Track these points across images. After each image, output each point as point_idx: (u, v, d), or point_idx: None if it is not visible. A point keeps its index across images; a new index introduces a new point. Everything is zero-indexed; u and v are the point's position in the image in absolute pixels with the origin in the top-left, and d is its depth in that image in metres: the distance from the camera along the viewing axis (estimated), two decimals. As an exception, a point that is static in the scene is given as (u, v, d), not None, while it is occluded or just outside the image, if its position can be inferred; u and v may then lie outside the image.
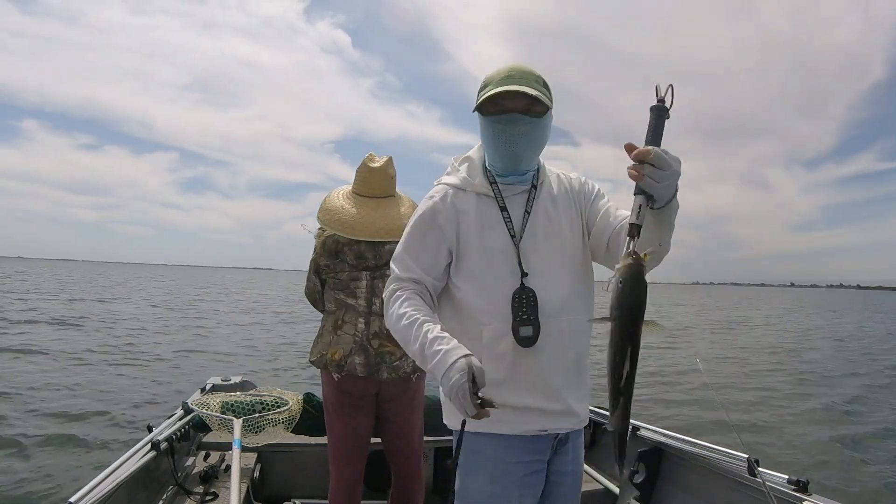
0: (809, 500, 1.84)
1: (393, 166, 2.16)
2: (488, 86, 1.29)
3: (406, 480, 2.20)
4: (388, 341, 2.01)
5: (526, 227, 1.33)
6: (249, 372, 6.04)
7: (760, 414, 7.35)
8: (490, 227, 1.33)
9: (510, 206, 1.34)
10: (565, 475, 1.37)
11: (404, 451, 2.17)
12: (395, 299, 1.30)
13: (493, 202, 1.34)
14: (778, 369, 11.39)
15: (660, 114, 1.07)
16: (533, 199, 1.36)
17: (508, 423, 1.27)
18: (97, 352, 10.08)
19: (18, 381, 7.43)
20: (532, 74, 1.29)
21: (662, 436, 2.56)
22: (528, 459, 1.30)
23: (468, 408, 1.10)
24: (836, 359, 13.43)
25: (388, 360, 2.02)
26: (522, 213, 1.35)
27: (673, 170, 1.03)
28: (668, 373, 9.96)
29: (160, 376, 8.21)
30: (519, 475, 1.29)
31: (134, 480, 2.06)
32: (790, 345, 16.33)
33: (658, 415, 6.83)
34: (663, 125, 1.07)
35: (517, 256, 1.30)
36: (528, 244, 1.31)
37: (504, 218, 1.33)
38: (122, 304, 22.15)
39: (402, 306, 1.27)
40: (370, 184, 2.11)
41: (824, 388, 9.46)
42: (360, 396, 2.05)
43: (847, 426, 6.90)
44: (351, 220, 2.06)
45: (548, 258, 1.32)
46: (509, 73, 1.28)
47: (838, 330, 22.84)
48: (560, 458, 1.36)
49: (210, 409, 2.54)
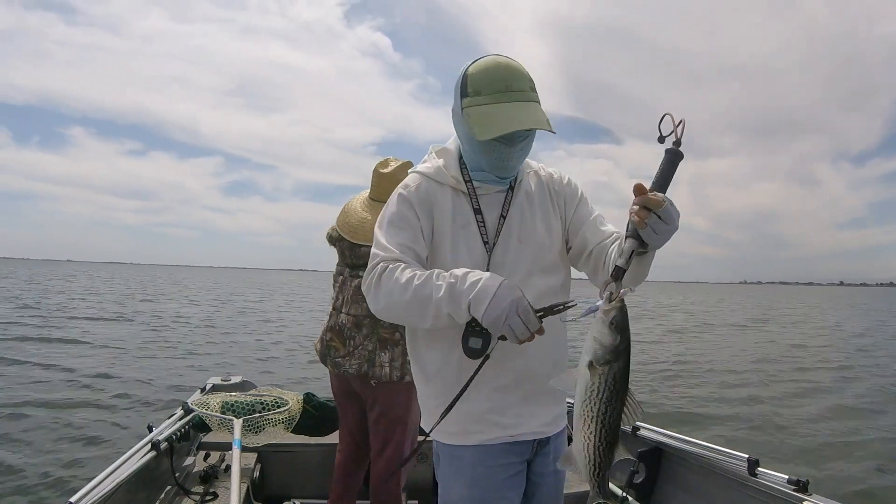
0: (809, 500, 1.84)
1: (406, 171, 2.15)
2: (480, 93, 1.18)
3: (377, 488, 2.17)
4: (337, 337, 2.11)
5: (500, 233, 1.27)
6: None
7: (765, 410, 7.36)
8: (463, 226, 1.27)
9: (484, 208, 1.28)
10: (547, 476, 1.36)
11: (367, 450, 2.20)
12: (391, 271, 1.16)
13: (468, 201, 1.28)
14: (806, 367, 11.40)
15: (675, 159, 1.02)
16: (509, 201, 1.30)
17: (485, 434, 1.25)
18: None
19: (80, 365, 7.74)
20: (526, 79, 1.20)
21: (662, 436, 2.56)
22: (508, 462, 1.28)
23: (532, 324, 1.05)
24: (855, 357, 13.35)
25: (331, 355, 2.13)
26: (497, 216, 1.28)
27: (674, 225, 1.00)
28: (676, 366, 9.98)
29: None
30: (500, 478, 1.27)
31: (134, 480, 2.06)
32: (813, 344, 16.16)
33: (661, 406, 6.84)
34: (675, 170, 1.03)
35: (487, 265, 1.24)
36: (500, 251, 1.26)
37: (477, 221, 1.27)
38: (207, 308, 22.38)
39: (404, 273, 1.14)
40: (380, 189, 2.13)
41: (832, 387, 9.46)
42: (338, 390, 2.22)
43: (851, 425, 6.90)
44: (356, 224, 2.12)
45: (520, 262, 1.27)
46: (505, 84, 1.17)
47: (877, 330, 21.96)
48: (541, 458, 1.35)
49: (210, 409, 2.54)
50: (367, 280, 1.21)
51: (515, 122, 1.15)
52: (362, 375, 2.05)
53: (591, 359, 0.96)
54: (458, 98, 1.23)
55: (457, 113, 1.25)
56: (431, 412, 1.29)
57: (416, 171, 1.35)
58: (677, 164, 1.03)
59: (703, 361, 11.46)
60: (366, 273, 1.22)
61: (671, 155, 1.03)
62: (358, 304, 2.09)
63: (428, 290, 1.11)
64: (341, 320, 2.12)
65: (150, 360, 9.46)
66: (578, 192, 1.39)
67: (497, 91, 1.17)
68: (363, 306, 2.07)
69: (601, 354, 0.95)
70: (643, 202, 0.97)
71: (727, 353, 12.96)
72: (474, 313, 1.08)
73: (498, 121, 1.15)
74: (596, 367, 0.95)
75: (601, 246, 1.28)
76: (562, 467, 1.09)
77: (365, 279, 1.22)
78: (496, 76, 1.18)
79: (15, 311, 16.76)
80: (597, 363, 0.95)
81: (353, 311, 2.10)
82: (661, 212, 0.97)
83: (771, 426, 6.71)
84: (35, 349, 9.95)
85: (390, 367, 2.03)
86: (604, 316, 0.96)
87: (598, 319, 0.97)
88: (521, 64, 1.21)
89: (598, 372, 0.95)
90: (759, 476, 2.03)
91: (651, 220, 0.97)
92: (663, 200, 0.97)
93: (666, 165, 1.03)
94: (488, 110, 1.17)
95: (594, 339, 0.96)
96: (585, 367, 0.97)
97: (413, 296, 1.11)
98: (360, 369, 2.04)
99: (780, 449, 5.79)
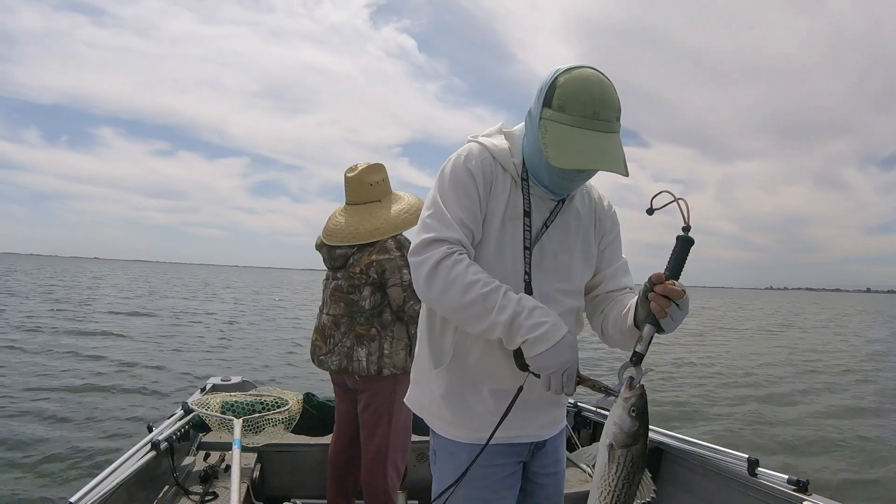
0: (809, 500, 1.84)
1: (376, 173, 2.23)
2: (565, 110, 1.09)
3: (366, 484, 2.21)
4: (320, 337, 2.23)
5: (542, 240, 1.24)
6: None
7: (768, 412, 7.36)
8: (512, 218, 1.21)
9: (534, 211, 1.23)
10: (548, 476, 1.36)
11: (356, 443, 2.26)
12: (454, 264, 1.09)
13: (521, 196, 1.22)
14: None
15: (688, 245, 1.04)
16: (557, 212, 1.25)
17: (482, 433, 1.23)
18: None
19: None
20: (616, 108, 1.11)
21: (662, 436, 2.55)
22: (504, 462, 1.28)
23: (568, 389, 1.07)
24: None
25: (316, 353, 2.25)
26: (542, 223, 1.24)
27: (687, 311, 1.04)
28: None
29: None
30: (496, 478, 1.27)
31: (134, 480, 2.06)
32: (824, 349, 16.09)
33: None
34: (687, 256, 1.05)
35: (525, 272, 1.21)
36: (536, 259, 1.23)
37: (525, 224, 1.22)
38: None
39: (468, 272, 1.09)
40: (348, 192, 2.25)
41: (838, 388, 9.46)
42: (333, 382, 2.30)
43: (851, 424, 6.90)
44: (332, 227, 2.23)
45: (550, 277, 1.25)
46: (594, 110, 1.08)
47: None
48: (540, 460, 1.35)
49: (210, 409, 2.54)
50: (420, 257, 1.13)
51: (592, 159, 1.08)
52: (343, 371, 2.15)
53: (611, 441, 0.99)
54: (538, 103, 1.14)
55: (534, 117, 1.16)
56: (434, 399, 1.29)
57: (479, 141, 1.24)
58: (689, 250, 1.05)
59: (701, 364, 11.48)
60: (420, 246, 1.13)
61: (684, 242, 1.05)
62: (336, 303, 2.19)
63: (491, 304, 1.07)
64: (323, 320, 2.24)
65: (159, 355, 9.51)
66: (616, 228, 1.37)
67: (583, 115, 1.09)
68: (340, 306, 2.18)
69: (621, 439, 0.99)
70: (666, 293, 0.99)
71: (734, 356, 12.97)
72: (526, 351, 1.08)
73: (575, 151, 1.08)
74: (616, 450, 0.99)
75: (609, 296, 1.29)
76: (576, 459, 1.10)
77: (418, 253, 1.13)
78: (587, 98, 1.09)
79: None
80: (617, 446, 0.99)
81: (331, 310, 2.20)
82: (680, 301, 1.00)
83: (765, 423, 6.73)
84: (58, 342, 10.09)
85: (367, 361, 2.11)
86: (623, 402, 0.99)
87: (618, 405, 1.00)
88: (614, 86, 1.13)
89: (617, 454, 0.99)
90: (759, 476, 2.03)
91: (671, 308, 1.00)
92: (684, 292, 1.00)
93: (679, 253, 1.05)
94: (568, 134, 1.09)
95: (614, 424, 0.99)
96: (605, 448, 1.00)
97: (472, 303, 1.08)
98: (341, 365, 2.14)
99: (779, 449, 5.80)
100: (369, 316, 2.13)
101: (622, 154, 1.11)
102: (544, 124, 1.12)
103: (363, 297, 2.13)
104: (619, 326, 1.21)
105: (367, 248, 2.13)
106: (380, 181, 2.23)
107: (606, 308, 1.28)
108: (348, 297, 2.16)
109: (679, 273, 1.04)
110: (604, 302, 1.30)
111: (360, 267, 2.12)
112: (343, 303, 2.17)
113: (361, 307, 2.14)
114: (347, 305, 2.16)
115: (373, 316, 2.13)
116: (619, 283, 1.30)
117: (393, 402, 2.13)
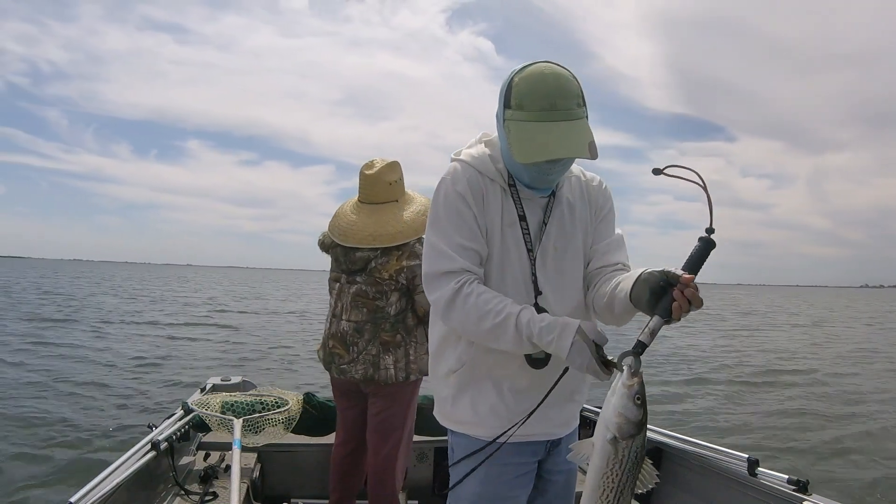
0: (809, 500, 1.83)
1: (394, 171, 2.14)
2: (523, 107, 1.12)
3: (374, 485, 2.17)
4: (340, 344, 2.11)
5: (542, 240, 1.26)
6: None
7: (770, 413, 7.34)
8: (509, 224, 1.24)
9: (528, 214, 1.25)
10: (560, 474, 1.37)
11: (369, 450, 2.19)
12: (466, 298, 1.15)
13: (513, 201, 1.25)
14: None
15: (709, 247, 1.04)
16: (551, 207, 1.27)
17: (499, 432, 1.24)
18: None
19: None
20: (574, 94, 1.13)
21: (662, 436, 2.55)
22: (521, 461, 1.30)
23: (600, 377, 1.09)
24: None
25: (336, 362, 2.14)
26: (539, 222, 1.26)
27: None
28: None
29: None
30: (511, 476, 1.28)
31: (134, 480, 2.05)
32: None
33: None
34: (707, 257, 1.05)
35: (532, 274, 1.24)
36: (541, 259, 1.25)
37: (522, 228, 1.24)
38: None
39: (479, 302, 1.14)
40: (365, 191, 2.14)
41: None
42: (338, 388, 2.24)
43: (849, 425, 6.88)
44: (345, 227, 2.12)
45: (559, 272, 1.27)
46: (550, 102, 1.11)
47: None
48: (554, 458, 1.36)
49: (210, 408, 2.53)
50: (436, 294, 1.20)
51: (553, 149, 1.10)
52: (368, 379, 2.06)
53: (615, 434, 0.96)
54: (500, 105, 1.18)
55: (499, 119, 1.20)
56: (452, 398, 1.30)
57: (461, 159, 1.26)
58: (710, 252, 1.04)
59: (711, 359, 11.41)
60: (434, 283, 1.20)
61: (706, 244, 1.04)
62: (358, 309, 2.08)
63: (502, 331, 1.13)
64: (342, 327, 2.12)
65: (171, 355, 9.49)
66: (609, 204, 1.36)
67: (541, 109, 1.11)
68: (363, 311, 2.07)
69: (626, 429, 0.95)
70: (691, 298, 0.99)
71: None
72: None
73: (537, 145, 1.11)
74: (619, 442, 0.95)
75: (601, 271, 1.28)
76: (571, 459, 1.11)
77: (433, 290, 1.20)
78: (541, 92, 1.11)
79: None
80: (621, 438, 0.95)
81: (353, 317, 2.09)
82: (694, 306, 1.01)
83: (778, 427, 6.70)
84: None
85: (395, 368, 2.04)
86: (626, 390, 0.96)
87: (620, 394, 0.97)
88: (571, 72, 1.15)
89: (620, 446, 0.96)
90: (759, 476, 2.02)
91: (691, 309, 1.01)
92: (702, 302, 1.01)
93: (700, 253, 1.04)
94: (529, 131, 1.12)
95: (618, 415, 0.96)
96: (607, 442, 0.96)
97: (488, 332, 1.15)
98: (366, 374, 2.05)
99: (780, 448, 5.79)
100: (394, 322, 2.06)
101: (588, 137, 1.12)
102: (507, 125, 1.15)
103: (389, 304, 2.06)
104: (608, 304, 1.19)
105: (392, 252, 2.05)
106: (397, 180, 2.15)
107: (598, 283, 1.27)
108: (373, 304, 2.06)
109: (697, 272, 1.04)
110: (595, 277, 1.29)
111: (389, 272, 2.03)
112: (367, 308, 2.08)
113: (387, 313, 2.06)
114: (371, 311, 2.07)
115: (398, 322, 2.06)
116: (612, 258, 1.29)
117: (410, 407, 2.11)
